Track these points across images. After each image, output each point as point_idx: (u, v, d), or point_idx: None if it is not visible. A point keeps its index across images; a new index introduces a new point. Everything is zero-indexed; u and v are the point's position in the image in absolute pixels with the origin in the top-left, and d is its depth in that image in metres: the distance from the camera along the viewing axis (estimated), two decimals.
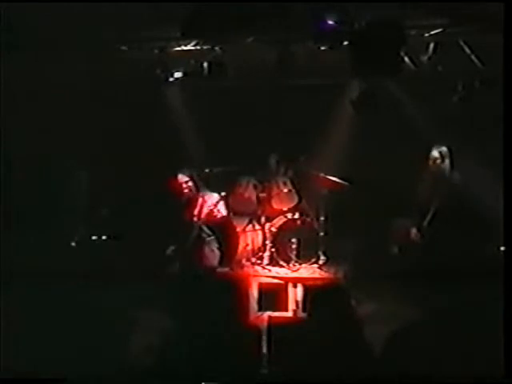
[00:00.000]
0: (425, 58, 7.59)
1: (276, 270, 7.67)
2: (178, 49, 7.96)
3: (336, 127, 9.01)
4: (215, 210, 7.78)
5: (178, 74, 8.22)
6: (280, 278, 7.49)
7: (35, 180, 8.51)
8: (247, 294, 6.92)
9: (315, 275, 7.58)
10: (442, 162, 7.43)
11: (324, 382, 4.92)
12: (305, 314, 6.71)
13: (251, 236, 7.99)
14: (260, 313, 6.71)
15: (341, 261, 7.75)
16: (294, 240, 7.77)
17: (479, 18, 6.48)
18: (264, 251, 7.84)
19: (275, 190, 8.17)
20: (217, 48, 7.79)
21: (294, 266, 7.70)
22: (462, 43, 7.35)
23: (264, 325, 6.25)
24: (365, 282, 7.04)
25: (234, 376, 4.93)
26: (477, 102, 7.62)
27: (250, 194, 8.17)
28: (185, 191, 7.85)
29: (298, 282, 7.24)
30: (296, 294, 7.09)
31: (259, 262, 7.85)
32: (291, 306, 6.95)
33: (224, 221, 7.84)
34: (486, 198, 7.31)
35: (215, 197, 7.79)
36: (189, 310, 6.30)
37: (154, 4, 6.52)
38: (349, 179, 7.87)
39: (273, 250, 7.80)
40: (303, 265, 7.72)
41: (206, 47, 7.86)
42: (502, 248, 6.27)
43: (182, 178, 7.82)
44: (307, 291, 7.00)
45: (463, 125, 7.95)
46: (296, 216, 7.90)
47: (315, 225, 7.86)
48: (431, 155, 7.47)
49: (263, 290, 7.10)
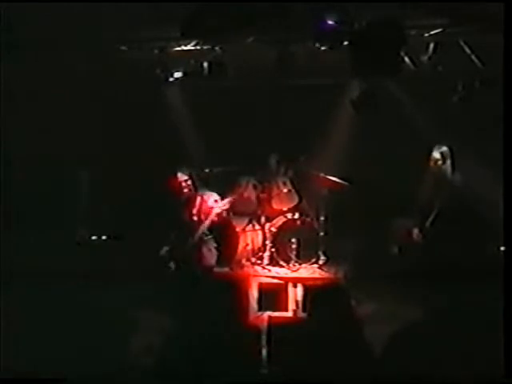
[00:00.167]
0: (425, 58, 7.59)
1: (276, 270, 7.66)
2: (178, 49, 7.95)
3: (336, 127, 9.00)
4: (215, 210, 7.77)
5: (177, 74, 8.21)
6: (280, 278, 7.48)
7: (35, 180, 8.51)
8: (247, 294, 6.94)
9: (315, 275, 7.57)
10: (443, 163, 7.41)
11: (324, 382, 4.93)
12: (305, 314, 6.72)
13: (251, 236, 7.99)
14: (260, 313, 6.72)
15: (341, 261, 7.73)
16: (293, 240, 7.76)
17: (479, 18, 6.47)
18: (264, 251, 7.84)
19: (275, 190, 8.16)
20: (217, 48, 7.78)
21: (294, 266, 7.69)
22: (462, 43, 7.35)
23: (264, 325, 6.27)
24: (365, 282, 7.04)
25: (233, 376, 4.94)
26: (477, 101, 7.62)
27: (250, 194, 8.15)
28: (184, 191, 7.84)
29: (298, 282, 7.22)
30: (296, 293, 7.07)
31: (259, 261, 7.84)
32: (291, 305, 6.93)
33: (224, 221, 7.82)
34: (486, 198, 7.31)
35: (215, 196, 7.78)
36: (189, 310, 6.31)
37: (154, 4, 6.52)
38: (349, 179, 7.87)
39: (273, 250, 7.79)
40: (303, 265, 7.70)
41: (206, 47, 7.85)
42: (502, 248, 6.27)
43: (182, 177, 7.81)
44: (307, 291, 7.00)
45: (463, 125, 7.95)
46: (296, 216, 7.89)
47: (315, 225, 7.85)
48: (432, 156, 7.44)
49: (263, 290, 7.10)
